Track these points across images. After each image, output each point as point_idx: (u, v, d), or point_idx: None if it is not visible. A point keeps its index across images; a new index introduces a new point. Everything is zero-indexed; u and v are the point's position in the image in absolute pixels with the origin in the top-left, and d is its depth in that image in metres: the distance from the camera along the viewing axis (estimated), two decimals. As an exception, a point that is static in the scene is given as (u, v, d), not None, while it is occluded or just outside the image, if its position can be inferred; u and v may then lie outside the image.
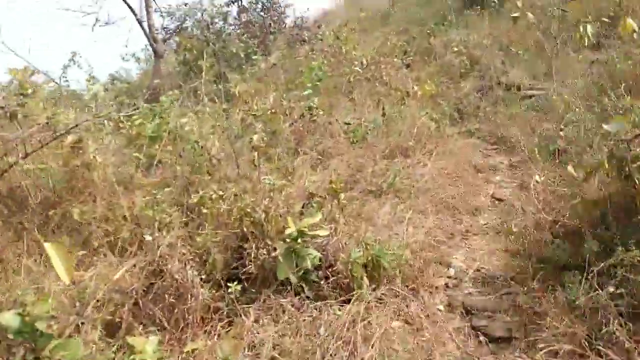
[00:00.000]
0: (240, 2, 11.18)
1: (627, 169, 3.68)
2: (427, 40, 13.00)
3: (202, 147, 4.45)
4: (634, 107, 4.90)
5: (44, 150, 4.32)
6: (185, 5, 10.67)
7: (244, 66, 9.74)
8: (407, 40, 13.57)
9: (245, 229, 3.52)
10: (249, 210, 3.53)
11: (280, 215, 3.73)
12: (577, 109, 5.81)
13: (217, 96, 8.64)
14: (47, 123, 3.85)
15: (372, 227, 4.46)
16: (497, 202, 5.70)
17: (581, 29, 7.57)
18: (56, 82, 10.35)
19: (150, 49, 11.28)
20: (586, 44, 7.65)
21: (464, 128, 8.11)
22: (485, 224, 5.17)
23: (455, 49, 11.06)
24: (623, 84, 6.00)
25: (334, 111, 8.07)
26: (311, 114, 4.69)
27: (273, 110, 6.55)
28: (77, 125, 3.93)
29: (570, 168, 3.94)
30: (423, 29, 13.91)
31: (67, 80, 10.29)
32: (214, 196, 3.73)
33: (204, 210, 3.59)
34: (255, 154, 4.08)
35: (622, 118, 3.70)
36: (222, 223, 3.63)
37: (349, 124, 6.50)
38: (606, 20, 9.06)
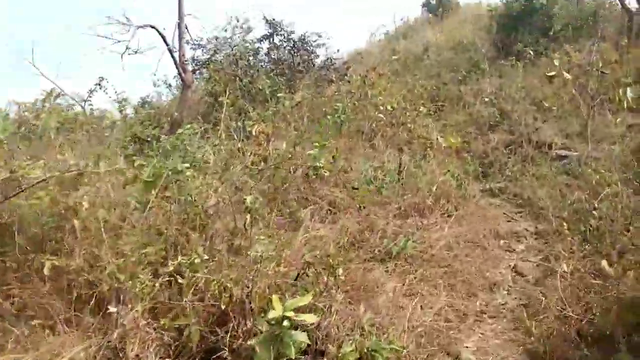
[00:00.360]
0: (272, 39, 10.95)
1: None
2: (457, 88, 12.54)
3: (195, 200, 4.01)
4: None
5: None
6: (217, 39, 10.50)
7: (267, 103, 9.41)
8: (438, 86, 13.14)
9: (223, 306, 3.03)
10: (228, 285, 3.05)
11: (268, 290, 3.25)
12: (614, 185, 5.18)
13: (236, 133, 8.34)
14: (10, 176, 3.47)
15: (374, 304, 3.92)
16: (518, 277, 5.08)
17: (620, 91, 7.03)
18: (81, 106, 10.31)
19: (180, 78, 11.10)
20: (625, 106, 7.09)
21: (489, 186, 7.54)
22: (503, 304, 4.55)
23: (486, 99, 10.55)
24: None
25: (353, 157, 7.63)
26: (316, 174, 4.27)
27: (287, 156, 6.15)
28: (44, 180, 3.55)
29: (604, 264, 3.34)
30: (455, 76, 13.48)
31: (91, 104, 10.24)
32: (196, 260, 3.28)
33: (180, 281, 3.13)
34: (248, 216, 3.62)
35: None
36: (200, 295, 3.16)
37: (356, 188, 6.03)
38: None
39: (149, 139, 8.12)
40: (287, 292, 3.57)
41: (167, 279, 3.33)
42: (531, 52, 11.91)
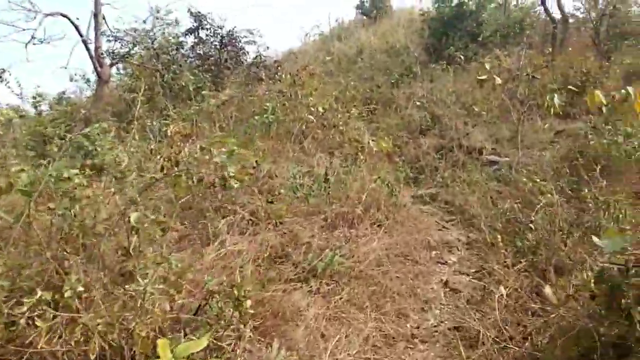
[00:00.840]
0: (197, 33, 10.10)
1: (621, 300, 2.69)
2: (390, 91, 12.22)
3: (75, 216, 3.24)
4: (618, 206, 4.00)
5: None
6: (135, 32, 9.53)
7: (191, 101, 8.62)
8: (371, 89, 12.79)
9: (92, 356, 2.32)
10: (100, 328, 2.35)
11: (156, 330, 2.56)
12: (548, 194, 4.87)
13: (152, 133, 7.51)
14: None
15: (292, 336, 3.32)
16: (451, 293, 4.65)
17: (548, 97, 6.83)
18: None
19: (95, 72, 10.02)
20: (552, 112, 6.89)
21: (420, 192, 7.15)
22: (435, 326, 4.08)
23: (418, 103, 10.25)
24: (598, 166, 5.14)
25: (281, 161, 7.03)
26: (224, 185, 3.63)
27: (203, 159, 5.44)
28: None
29: (547, 290, 2.90)
30: (388, 79, 13.18)
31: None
32: (67, 293, 2.54)
33: (38, 323, 2.39)
34: (135, 238, 2.91)
35: (613, 233, 2.71)
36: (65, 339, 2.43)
37: (271, 202, 5.40)
38: (573, 89, 8.42)
39: (53, 139, 7.12)
40: (185, 329, 2.91)
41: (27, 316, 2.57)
42: (461, 57, 11.76)
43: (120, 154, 5.69)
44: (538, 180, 5.21)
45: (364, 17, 18.21)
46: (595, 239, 2.75)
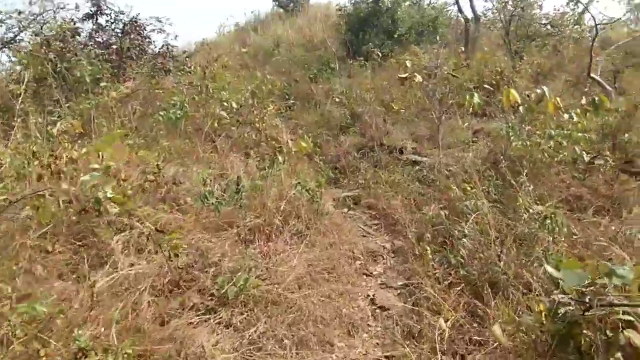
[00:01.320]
0: (95, 19, 8.88)
1: (580, 339, 2.27)
2: (308, 86, 11.66)
3: None
4: (553, 218, 3.66)
5: None
6: (20, 14, 8.16)
7: (87, 95, 7.49)
8: (289, 83, 12.16)
9: None
10: None
11: None
12: (476, 199, 4.50)
13: (40, 131, 6.38)
14: None
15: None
16: (379, 311, 4.14)
17: (468, 96, 6.54)
18: None
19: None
20: (471, 111, 6.62)
21: (342, 193, 6.63)
22: (365, 355, 3.55)
23: (337, 100, 9.76)
24: (525, 170, 4.86)
25: (189, 162, 6.21)
26: (98, 212, 2.83)
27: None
28: None
29: (496, 330, 2.42)
30: (306, 74, 12.61)
31: None
32: None
33: None
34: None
35: (575, 264, 2.27)
36: None
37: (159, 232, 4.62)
38: (489, 87, 8.29)
39: None
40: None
41: None
42: (379, 54, 11.43)
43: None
44: (466, 185, 4.82)
45: (281, 10, 17.48)
46: (550, 269, 2.31)
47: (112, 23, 9.03)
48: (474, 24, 11.69)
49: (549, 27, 11.09)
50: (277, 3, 17.46)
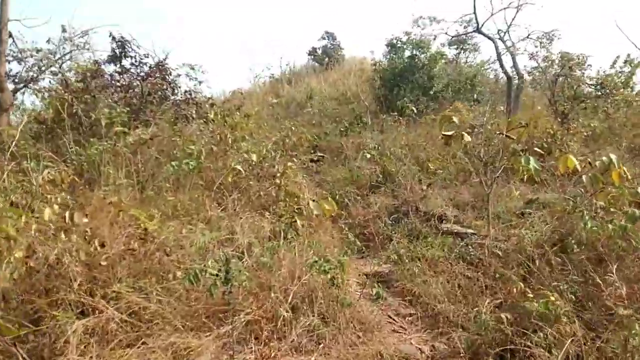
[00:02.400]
0: (119, 61, 8.11)
1: None
2: (339, 140, 10.59)
3: None
4: None
5: None
6: (38, 52, 7.43)
7: (102, 139, 6.55)
8: (319, 135, 11.12)
9: None
10: None
11: None
12: (557, 307, 3.12)
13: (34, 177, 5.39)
14: None
15: None
16: None
17: (523, 160, 5.23)
18: None
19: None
20: (525, 178, 5.28)
21: (369, 268, 5.31)
22: None
23: (368, 155, 8.57)
24: (614, 265, 3.47)
25: (194, 222, 5.06)
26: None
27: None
28: None
29: None
30: (337, 127, 11.58)
31: None
32: None
33: None
34: None
35: None
36: None
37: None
38: (540, 151, 6.97)
39: None
40: None
41: None
42: (414, 109, 10.31)
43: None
44: (549, 295, 3.43)
45: (316, 64, 16.77)
46: None
47: (136, 66, 8.23)
48: (518, 82, 10.48)
49: (598, 88, 9.75)
50: (312, 57, 16.79)
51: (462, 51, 14.08)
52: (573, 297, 3.51)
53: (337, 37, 16.87)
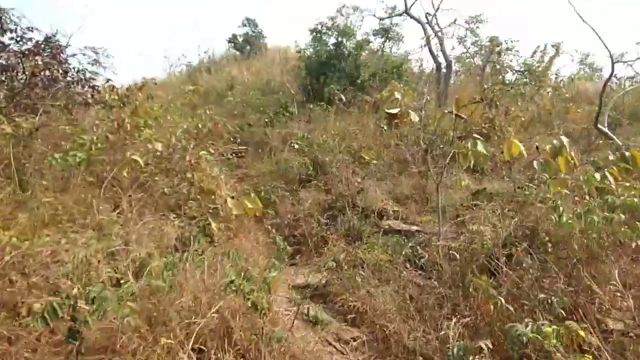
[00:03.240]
0: (-6, 35, 6.37)
1: None
2: (263, 131, 9.45)
3: None
4: None
5: None
6: None
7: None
8: (241, 127, 9.90)
9: None
10: None
11: None
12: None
13: None
14: None
15: None
16: None
17: (469, 144, 4.48)
18: None
19: None
20: (470, 166, 4.53)
21: (302, 279, 4.29)
22: None
23: (296, 146, 7.55)
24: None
25: (75, 228, 3.77)
26: None
27: None
28: None
29: None
30: (261, 117, 10.41)
31: None
32: None
33: None
34: None
35: None
36: None
37: None
38: (478, 137, 6.32)
39: None
40: None
41: None
42: (343, 97, 9.42)
43: None
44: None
45: (237, 52, 15.41)
46: None
47: (17, 42, 6.52)
48: (446, 70, 9.94)
49: (525, 75, 9.43)
50: (233, 45, 15.39)
51: (387, 40, 13.42)
52: (562, 312, 2.70)
53: (258, 24, 15.64)
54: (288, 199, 5.99)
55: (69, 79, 6.47)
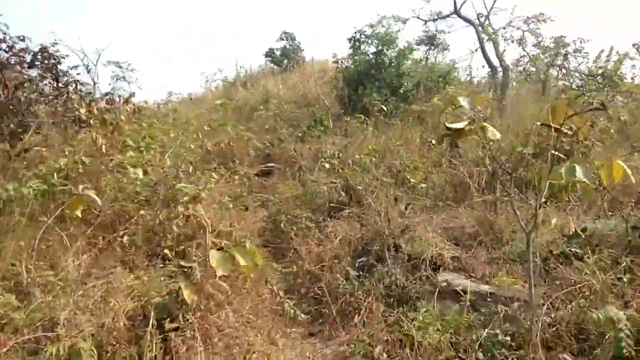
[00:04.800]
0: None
1: None
2: (295, 146, 8.01)
3: None
4: None
5: None
6: None
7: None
8: (271, 142, 8.54)
9: None
10: None
11: None
12: None
13: None
14: None
15: None
16: None
17: (564, 171, 2.71)
18: None
19: None
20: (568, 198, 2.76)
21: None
22: None
23: (327, 165, 6.01)
24: None
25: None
26: None
27: None
28: None
29: None
30: (295, 132, 9.00)
31: None
32: None
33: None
34: None
35: None
36: None
37: None
38: (560, 155, 4.54)
39: None
40: None
41: None
42: (384, 108, 7.81)
43: None
44: None
45: (274, 66, 14.14)
46: None
47: (6, 51, 5.42)
48: (502, 76, 8.11)
49: (598, 79, 7.45)
50: (270, 59, 14.15)
51: (432, 47, 11.70)
52: None
53: (296, 37, 14.33)
54: (312, 234, 4.43)
55: (57, 93, 5.24)
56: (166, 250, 2.97)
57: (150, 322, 2.41)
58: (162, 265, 2.93)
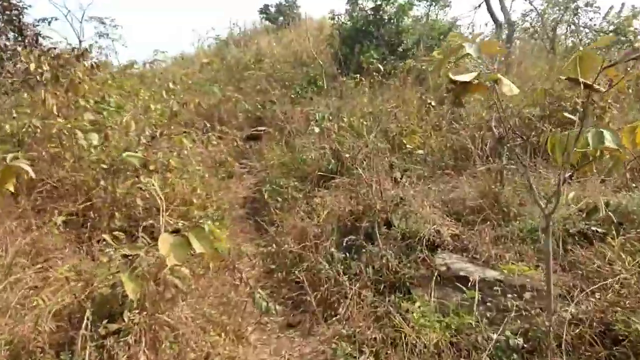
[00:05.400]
0: None
1: None
2: (287, 108, 7.36)
3: None
4: None
5: None
6: None
7: None
8: (262, 104, 7.88)
9: None
10: None
11: None
12: None
13: None
14: None
15: None
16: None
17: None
18: None
19: None
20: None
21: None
22: None
23: (317, 129, 5.39)
24: None
25: None
26: None
27: None
28: None
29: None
30: (287, 93, 8.32)
31: None
32: None
33: None
34: None
35: None
36: None
37: None
38: (569, 116, 3.93)
39: None
40: None
41: None
42: (380, 67, 7.08)
43: None
44: None
45: (269, 24, 13.17)
46: None
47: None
48: (508, 30, 7.32)
49: (611, 35, 6.69)
50: (264, 16, 13.16)
51: (433, 4, 10.74)
52: None
53: (292, -7, 13.26)
54: (298, 206, 3.90)
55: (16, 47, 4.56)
56: (115, 233, 2.42)
57: (84, 324, 1.90)
58: (100, 250, 2.41)
